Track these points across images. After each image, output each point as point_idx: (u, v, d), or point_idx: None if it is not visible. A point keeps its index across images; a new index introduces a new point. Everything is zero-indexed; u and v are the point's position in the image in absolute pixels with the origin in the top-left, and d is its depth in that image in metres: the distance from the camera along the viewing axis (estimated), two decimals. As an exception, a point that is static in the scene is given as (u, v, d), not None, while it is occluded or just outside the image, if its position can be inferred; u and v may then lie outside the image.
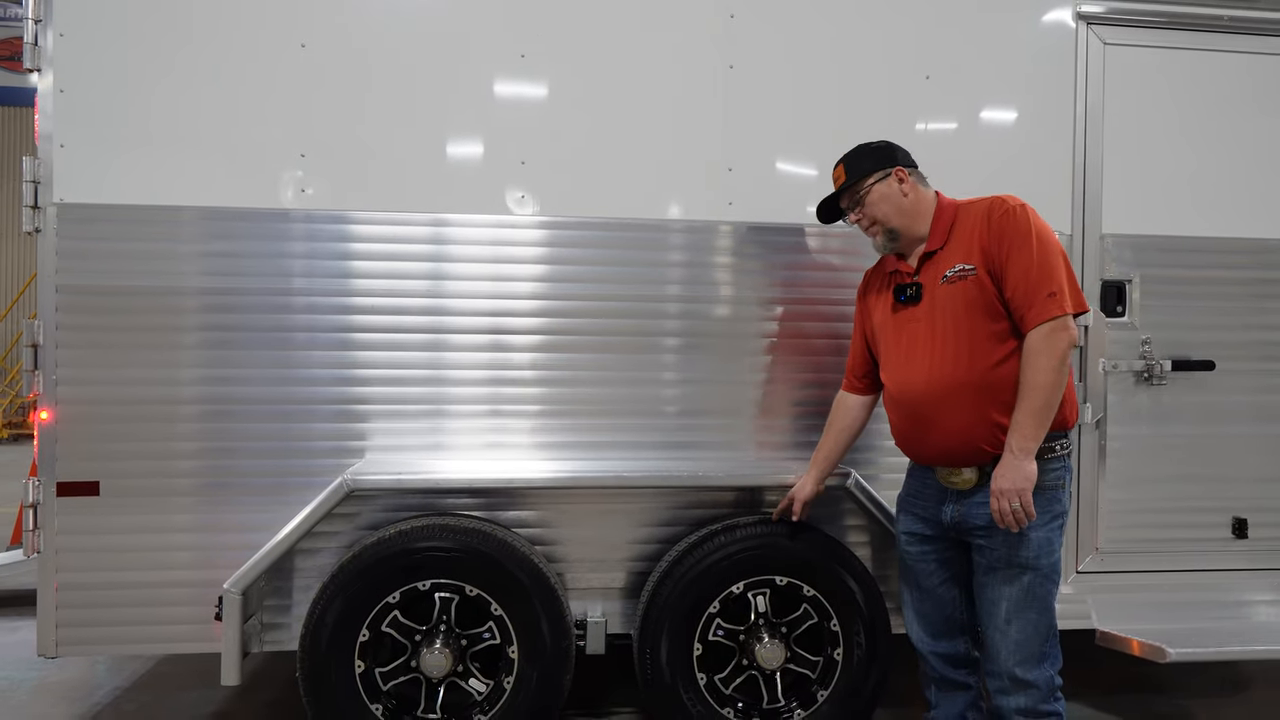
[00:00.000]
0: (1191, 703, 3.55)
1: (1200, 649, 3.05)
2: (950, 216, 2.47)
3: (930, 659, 2.63)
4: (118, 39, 2.85)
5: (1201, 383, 3.28)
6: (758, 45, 3.08)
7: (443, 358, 2.97)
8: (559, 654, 2.80)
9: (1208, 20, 3.28)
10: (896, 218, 2.51)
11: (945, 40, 3.16)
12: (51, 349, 2.82)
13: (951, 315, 2.39)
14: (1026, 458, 2.26)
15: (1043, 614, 2.36)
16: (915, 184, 2.53)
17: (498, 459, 2.97)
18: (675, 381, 3.05)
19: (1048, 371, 2.25)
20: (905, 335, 2.50)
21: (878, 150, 2.58)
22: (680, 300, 3.05)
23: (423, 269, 2.95)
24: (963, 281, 2.37)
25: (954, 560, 2.55)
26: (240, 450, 2.89)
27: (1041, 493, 2.32)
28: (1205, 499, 3.30)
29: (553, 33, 3.01)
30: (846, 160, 2.60)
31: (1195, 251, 3.28)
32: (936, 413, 2.40)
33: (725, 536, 2.89)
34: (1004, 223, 2.34)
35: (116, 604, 2.86)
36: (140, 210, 2.85)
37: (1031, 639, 2.36)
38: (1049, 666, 2.38)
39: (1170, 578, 3.29)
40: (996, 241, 2.34)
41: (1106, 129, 3.24)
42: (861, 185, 2.55)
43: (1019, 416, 2.28)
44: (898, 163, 2.54)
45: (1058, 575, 2.38)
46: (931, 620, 2.61)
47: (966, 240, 2.40)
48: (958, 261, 2.39)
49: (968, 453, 2.39)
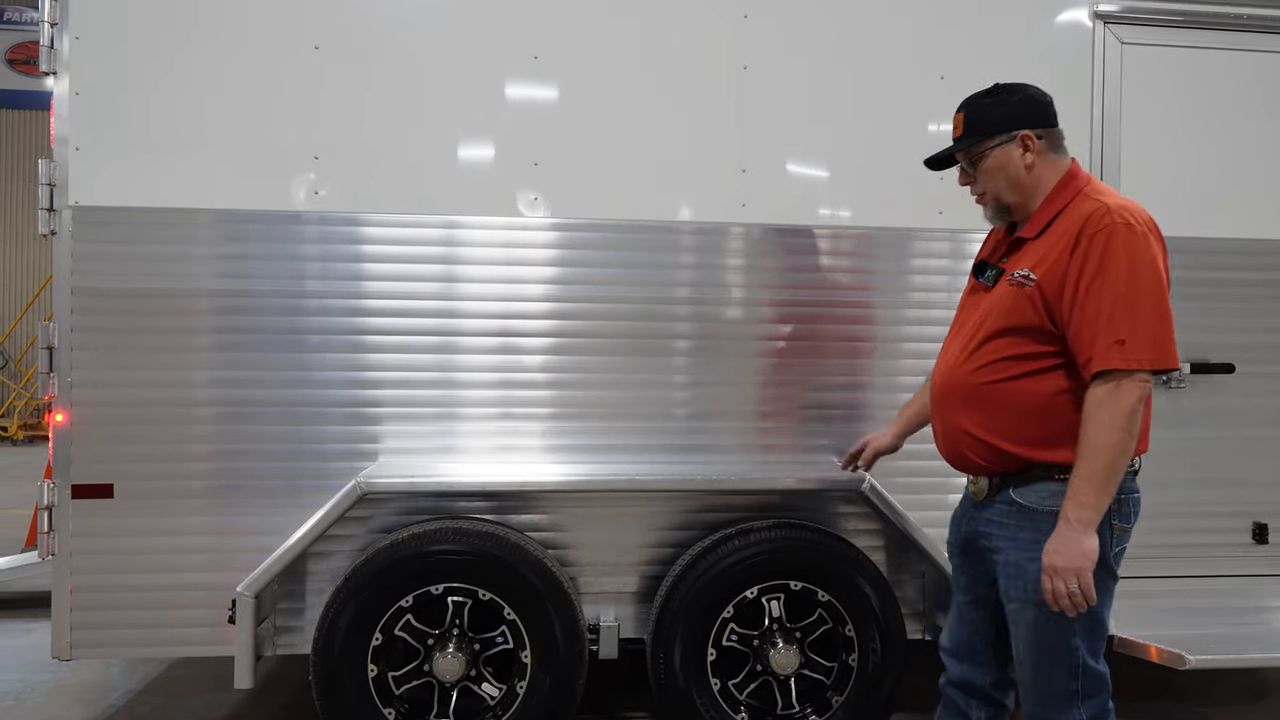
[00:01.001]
0: (1211, 710, 3.51)
1: (1220, 656, 3.01)
2: (1059, 206, 2.08)
3: (946, 675, 2.37)
4: (133, 43, 2.86)
5: (1221, 386, 3.24)
6: (772, 46, 3.06)
7: (454, 360, 2.97)
8: (572, 658, 2.79)
9: (1228, 19, 3.24)
10: (1010, 192, 2.14)
11: (960, 40, 3.14)
12: (67, 351, 2.83)
13: (994, 315, 2.09)
14: (1085, 530, 1.90)
15: (1055, 653, 2.04)
16: (1044, 150, 2.12)
17: (510, 462, 2.96)
18: (689, 384, 3.03)
19: (1110, 430, 1.90)
20: (965, 317, 2.23)
21: (1010, 102, 2.14)
22: (694, 302, 3.03)
23: (435, 271, 2.95)
24: (1020, 289, 2.04)
25: (980, 580, 2.25)
26: (253, 453, 2.89)
27: (1046, 517, 2.01)
28: (1225, 503, 3.26)
29: (566, 34, 3.00)
30: (969, 108, 2.18)
31: (1215, 253, 3.25)
32: (940, 408, 2.22)
33: (739, 541, 2.88)
34: (1092, 244, 1.95)
35: (130, 606, 2.87)
36: (155, 213, 2.86)
37: (1045, 679, 2.07)
38: (1080, 710, 2.05)
39: (1189, 583, 3.25)
40: (1079, 261, 1.96)
41: (1124, 129, 3.21)
42: (979, 147, 2.15)
43: (1076, 481, 1.92)
44: (1029, 123, 2.12)
45: (1080, 616, 1.98)
46: (955, 639, 2.35)
47: (1053, 243, 2.03)
48: (1029, 264, 2.05)
49: (958, 458, 2.18)
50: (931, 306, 3.11)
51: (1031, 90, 2.17)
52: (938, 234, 3.12)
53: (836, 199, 3.09)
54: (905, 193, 3.10)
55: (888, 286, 3.11)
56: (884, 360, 3.10)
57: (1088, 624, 2.02)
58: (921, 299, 3.11)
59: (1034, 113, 2.14)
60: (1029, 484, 2.07)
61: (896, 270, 3.11)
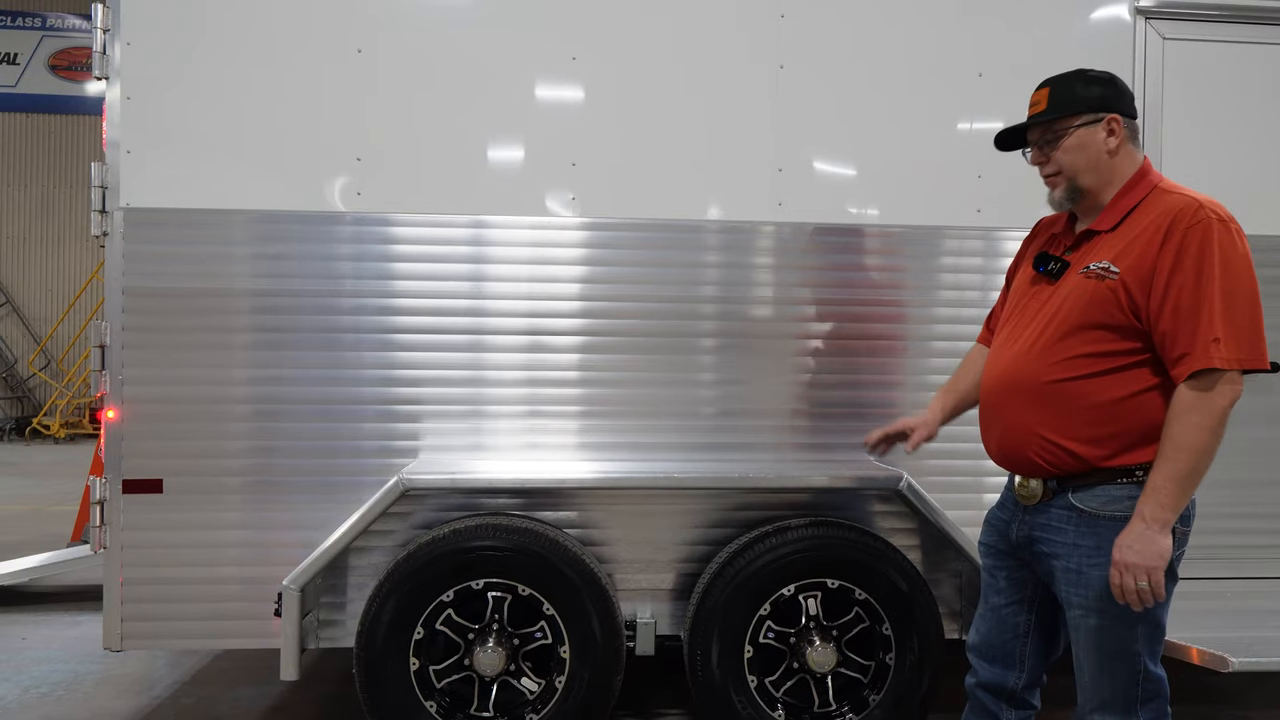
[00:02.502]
0: (1254, 715, 3.46)
1: (1264, 658, 2.95)
2: (1136, 199, 2.03)
3: (974, 676, 2.34)
4: (182, 49, 2.92)
5: (1266, 385, 3.20)
6: (808, 45, 3.07)
7: (490, 359, 3.01)
8: (610, 654, 2.81)
9: (1269, 13, 3.20)
10: (1088, 174, 2.07)
11: (998, 37, 3.12)
12: (118, 350, 2.90)
13: (1069, 310, 2.02)
14: (1162, 530, 1.87)
15: (1117, 661, 2.01)
16: (1127, 139, 2.07)
17: (545, 459, 2.99)
18: (726, 382, 3.05)
19: (1200, 431, 1.87)
20: (1026, 310, 2.15)
21: (1100, 83, 2.09)
22: (732, 301, 3.05)
23: (471, 270, 3.00)
24: (1100, 282, 1.98)
25: (1026, 583, 2.21)
26: (296, 449, 2.95)
27: (1108, 522, 1.97)
28: (1267, 504, 3.22)
29: (603, 35, 3.03)
30: (1055, 84, 2.12)
31: (1260, 250, 3.17)
32: (1000, 403, 2.13)
33: (776, 539, 2.89)
34: (1187, 239, 1.91)
35: (179, 599, 2.93)
36: (203, 214, 2.92)
37: (1106, 684, 2.03)
38: (1138, 715, 2.03)
39: (1231, 584, 3.21)
40: (1170, 256, 1.91)
41: (1165, 125, 3.18)
42: (1064, 123, 2.08)
43: (1157, 480, 1.89)
44: (1118, 108, 2.07)
45: (1146, 620, 1.98)
46: (988, 641, 2.30)
47: (1135, 237, 1.98)
48: (1108, 257, 1.99)
49: (1018, 459, 2.11)
50: (965, 305, 3.10)
51: (1119, 80, 2.12)
52: (972, 232, 3.11)
53: (873, 197, 3.09)
54: (942, 190, 3.10)
55: (924, 284, 3.10)
56: (920, 359, 3.09)
57: (1149, 629, 2.00)
58: (955, 297, 3.11)
59: (1121, 99, 2.10)
60: (1090, 488, 2.02)
61: (933, 268, 3.11)
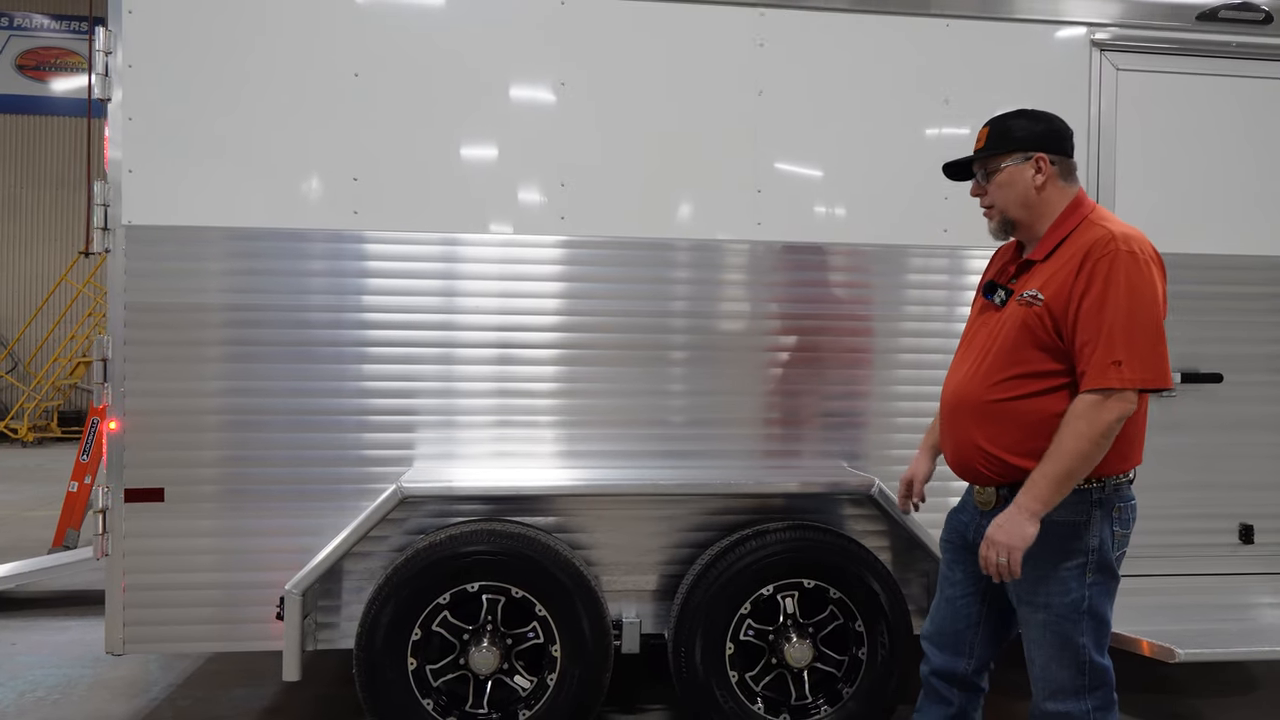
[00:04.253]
0: (1200, 703, 3.68)
1: (1208, 650, 3.19)
2: (1067, 230, 2.21)
3: (927, 664, 2.53)
4: (183, 71, 3.01)
5: (1210, 394, 3.42)
6: (786, 72, 3.23)
7: (475, 370, 3.13)
8: (600, 652, 2.95)
9: (1217, 46, 3.42)
10: (1017, 209, 2.27)
11: (964, 66, 3.31)
12: (120, 363, 2.98)
13: (1007, 334, 2.21)
14: (1029, 519, 2.07)
15: (1064, 652, 2.18)
16: (1055, 176, 2.25)
17: (535, 467, 3.13)
18: (710, 393, 3.20)
19: (1081, 439, 2.05)
20: (976, 336, 2.35)
21: (1033, 122, 2.28)
22: (717, 316, 3.21)
23: (482, 288, 3.13)
24: (1029, 308, 2.17)
25: (980, 578, 2.37)
26: (292, 459, 3.06)
27: (1051, 526, 2.12)
28: (1213, 505, 3.44)
29: (592, 61, 3.17)
30: (993, 125, 2.32)
31: (1204, 269, 3.42)
32: (952, 421, 2.34)
33: (756, 541, 3.04)
34: (1096, 268, 2.08)
35: (180, 604, 3.03)
36: (203, 231, 3.02)
37: (1056, 674, 2.21)
38: (1086, 701, 2.20)
39: (1179, 581, 3.43)
40: (1083, 283, 2.09)
41: (1119, 151, 3.39)
42: (995, 161, 2.28)
43: (1036, 475, 2.09)
44: (1046, 147, 2.25)
45: (1088, 614, 2.17)
46: (942, 630, 2.49)
47: (1060, 266, 2.16)
48: (1037, 285, 2.18)
49: (969, 470, 2.31)
50: (931, 319, 3.29)
51: (1056, 121, 2.30)
52: (939, 250, 3.29)
53: (846, 217, 3.26)
54: (911, 211, 3.28)
55: (893, 300, 3.28)
56: (887, 370, 3.27)
57: (1094, 623, 2.18)
58: (922, 312, 3.29)
59: (1052, 139, 2.27)
60: None
61: (902, 285, 3.29)
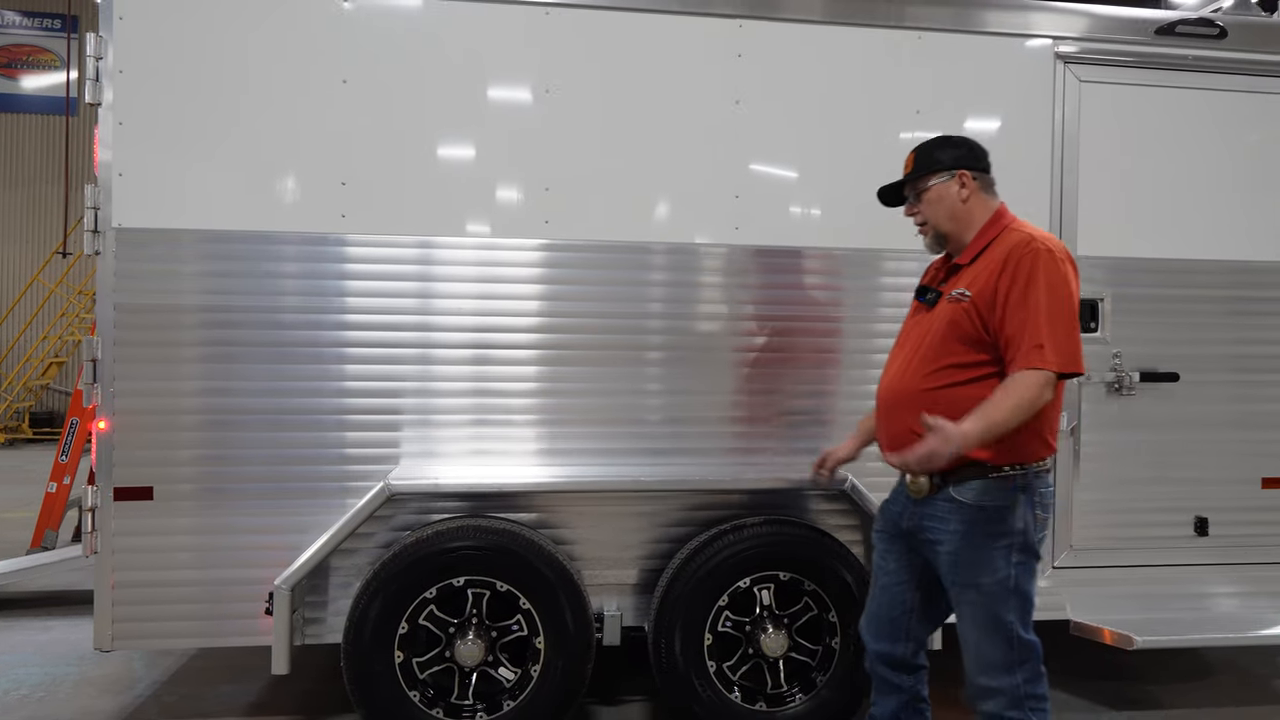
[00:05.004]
0: (1158, 688, 3.84)
1: (1165, 637, 3.35)
2: (990, 237, 2.46)
3: (869, 656, 2.68)
4: (172, 77, 3.06)
5: (1168, 393, 3.57)
6: (762, 83, 3.34)
7: (448, 371, 3.20)
8: (582, 644, 3.04)
9: (1175, 60, 3.57)
10: (947, 223, 2.51)
11: (934, 78, 3.43)
12: (109, 363, 3.03)
13: (937, 329, 2.45)
14: (944, 442, 2.23)
15: (995, 629, 2.36)
16: (978, 190, 2.51)
17: (518, 465, 3.20)
18: (689, 391, 3.29)
19: (1003, 408, 2.26)
20: (910, 334, 2.59)
21: (953, 146, 2.54)
22: (696, 318, 3.30)
23: (466, 289, 3.20)
24: (958, 305, 2.41)
25: (915, 565, 2.57)
26: (279, 457, 3.11)
27: (980, 511, 2.35)
28: (1170, 500, 3.59)
29: (577, 71, 3.25)
30: (918, 151, 2.57)
31: (1162, 272, 3.57)
32: (888, 411, 2.55)
33: (734, 536, 3.15)
34: (1019, 266, 2.33)
35: (169, 600, 3.08)
36: (191, 234, 3.07)
37: (988, 651, 2.37)
38: (1016, 674, 2.36)
39: (1138, 572, 3.57)
40: (1007, 280, 2.33)
41: (1081, 160, 3.53)
42: (924, 181, 2.53)
43: (965, 425, 2.25)
44: (966, 165, 2.51)
45: (1014, 592, 2.35)
46: (878, 618, 2.64)
47: (985, 267, 2.40)
48: (965, 284, 2.42)
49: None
50: (901, 321, 3.38)
51: (973, 143, 2.57)
52: (910, 254, 3.40)
53: (821, 222, 3.38)
54: (884, 216, 3.36)
55: (866, 302, 3.39)
56: (860, 370, 3.36)
57: (1019, 601, 2.37)
58: (893, 314, 3.38)
59: (972, 158, 2.54)
60: (966, 482, 2.39)
61: (874, 287, 3.40)
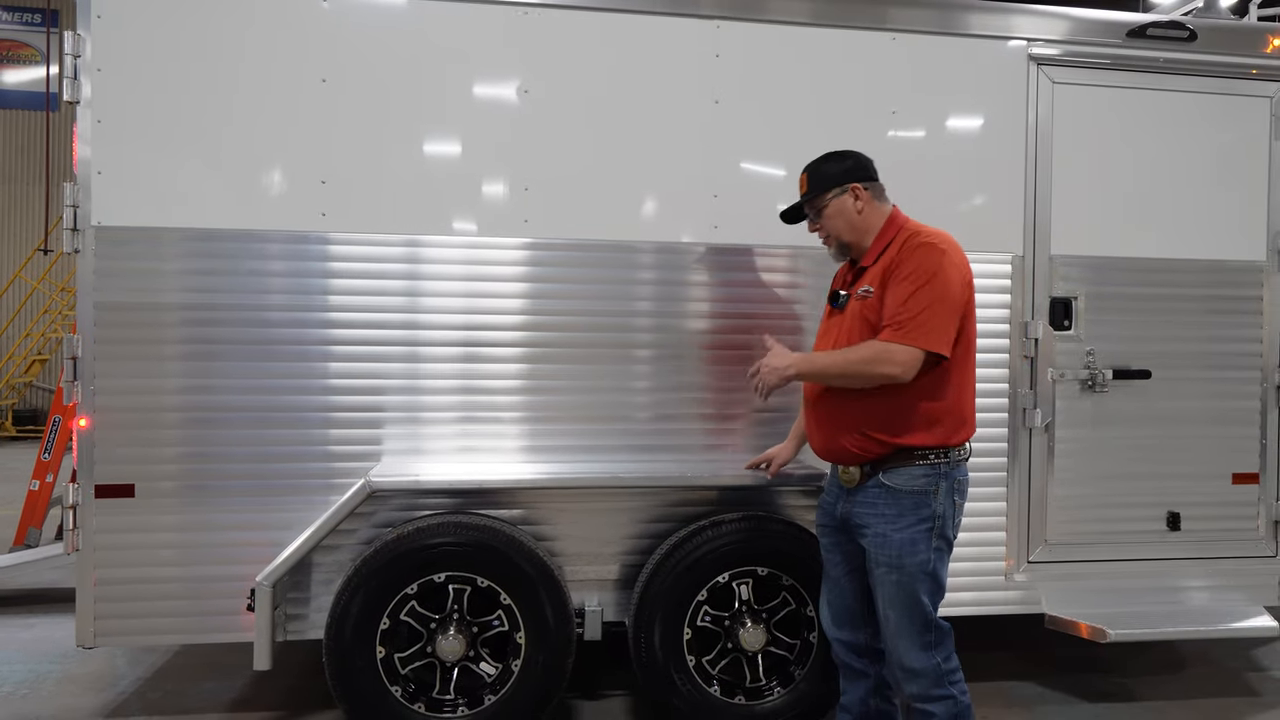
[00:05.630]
0: (1132, 680, 3.90)
1: (1138, 630, 3.42)
2: (887, 239, 2.62)
3: (834, 645, 2.83)
4: (151, 75, 3.07)
5: (1140, 390, 3.63)
6: (740, 82, 3.37)
7: (432, 369, 3.23)
8: (562, 639, 3.07)
9: (1146, 62, 3.62)
10: (848, 233, 2.68)
11: (909, 79, 3.47)
12: (90, 361, 3.04)
13: (849, 326, 2.60)
14: (788, 364, 2.58)
15: (913, 609, 2.51)
16: (871, 199, 2.66)
17: (499, 461, 3.23)
18: (670, 389, 3.33)
19: (838, 359, 2.53)
20: (826, 335, 2.73)
21: (841, 162, 2.69)
22: (678, 315, 3.33)
23: (448, 288, 3.22)
24: (864, 301, 2.57)
25: (855, 554, 2.70)
26: (259, 455, 3.13)
27: (907, 496, 2.52)
28: (1143, 495, 3.65)
29: (555, 70, 3.27)
30: (810, 171, 2.73)
31: (1135, 271, 3.63)
32: (813, 409, 2.68)
33: (712, 531, 3.18)
34: (905, 254, 2.52)
35: (150, 597, 3.09)
36: (171, 233, 3.08)
37: (908, 631, 2.52)
38: (934, 654, 2.52)
39: (1112, 566, 3.63)
40: (894, 268, 2.52)
41: (1055, 159, 3.57)
42: (820, 199, 2.69)
43: (815, 357, 2.60)
44: (856, 178, 2.67)
45: (930, 575, 2.53)
46: (834, 608, 2.80)
47: (883, 264, 2.57)
48: (869, 282, 2.58)
49: (836, 450, 2.62)
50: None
51: (859, 155, 2.72)
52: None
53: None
54: (861, 216, 3.43)
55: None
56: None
57: (932, 585, 2.55)
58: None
59: (860, 171, 2.69)
60: (895, 469, 2.55)
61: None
